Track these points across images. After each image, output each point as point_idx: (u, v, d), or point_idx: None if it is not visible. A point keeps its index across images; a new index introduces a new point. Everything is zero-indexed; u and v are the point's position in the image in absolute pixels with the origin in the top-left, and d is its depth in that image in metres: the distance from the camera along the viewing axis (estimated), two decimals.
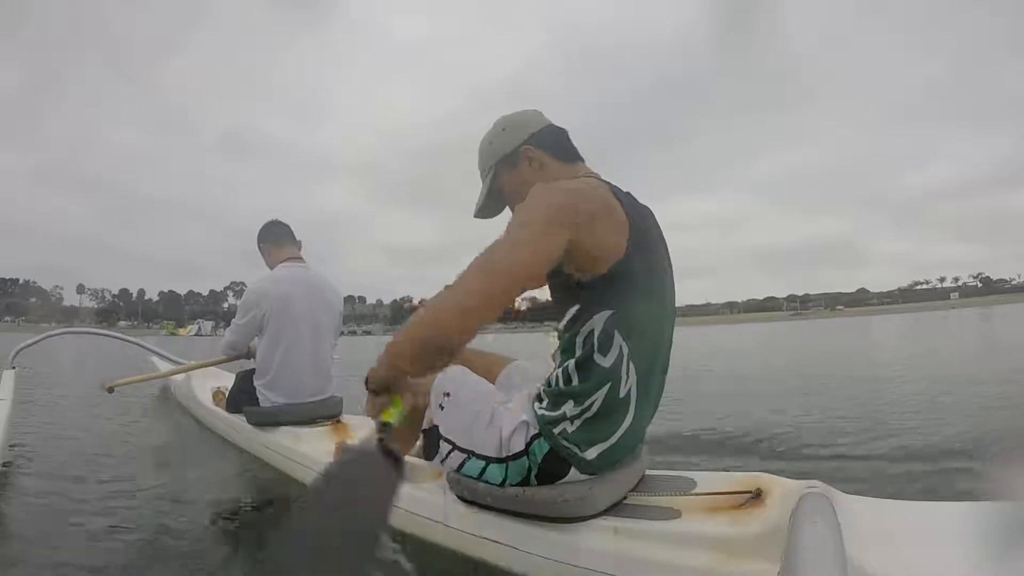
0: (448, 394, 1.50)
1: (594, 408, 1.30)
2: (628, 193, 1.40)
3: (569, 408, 1.31)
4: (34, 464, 2.45)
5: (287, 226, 2.89)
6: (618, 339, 1.27)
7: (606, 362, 1.27)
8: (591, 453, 1.31)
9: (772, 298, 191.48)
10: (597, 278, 1.25)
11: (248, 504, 2.05)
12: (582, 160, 1.49)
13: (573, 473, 1.32)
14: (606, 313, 1.26)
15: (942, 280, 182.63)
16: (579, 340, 1.30)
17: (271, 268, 2.80)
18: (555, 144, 1.46)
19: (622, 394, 1.30)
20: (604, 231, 1.22)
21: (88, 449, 2.78)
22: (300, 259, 2.83)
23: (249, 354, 2.86)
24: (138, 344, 4.87)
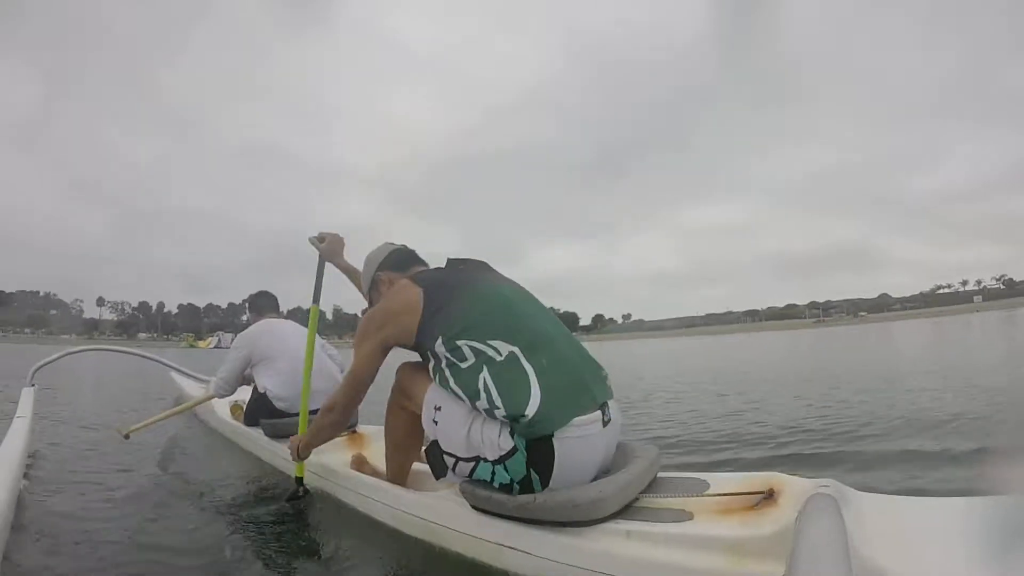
0: (439, 407, 1.60)
1: (491, 383, 1.46)
2: (440, 268, 1.86)
3: (484, 403, 1.46)
4: (54, 478, 2.48)
5: (273, 298, 3.37)
6: (462, 343, 1.54)
7: (468, 361, 1.52)
8: (530, 409, 1.40)
9: (793, 305, 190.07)
10: (418, 335, 1.65)
11: (265, 512, 2.08)
12: (419, 263, 2.00)
13: (557, 446, 1.39)
14: (439, 340, 1.58)
15: (964, 283, 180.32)
16: (445, 373, 1.56)
17: None
18: (396, 264, 1.97)
19: (502, 359, 1.49)
20: (402, 318, 1.67)
21: (107, 462, 2.81)
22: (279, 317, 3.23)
23: (247, 381, 3.07)
24: (156, 360, 4.91)
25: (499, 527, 1.45)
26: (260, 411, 2.83)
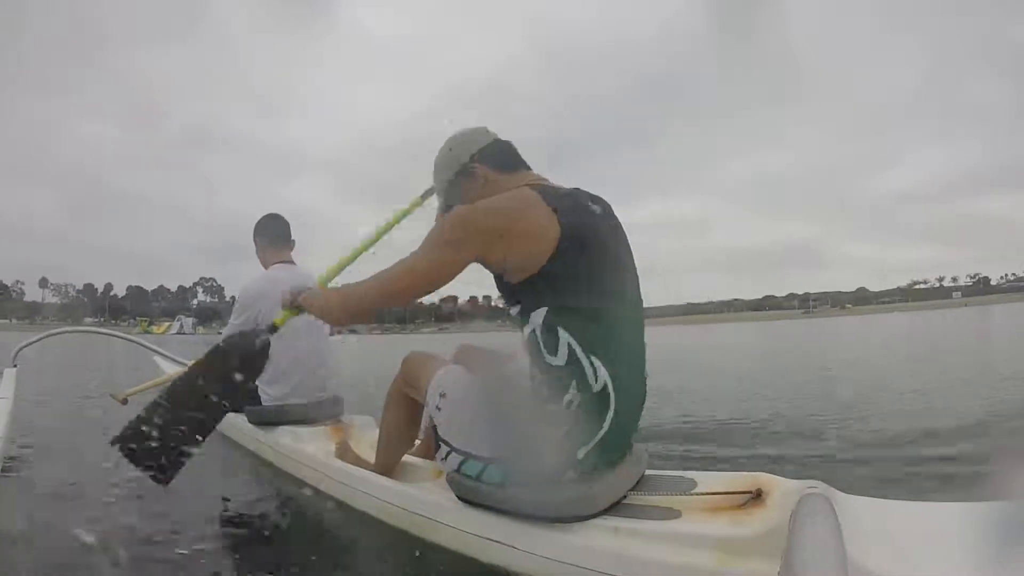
0: (444, 395, 1.58)
1: (572, 408, 1.35)
2: (572, 192, 1.53)
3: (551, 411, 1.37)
4: (36, 461, 2.51)
5: (286, 224, 2.95)
6: (563, 336, 1.35)
7: (558, 360, 1.36)
8: (580, 453, 1.36)
9: (771, 296, 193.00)
10: (529, 279, 1.38)
11: (248, 501, 2.10)
12: (527, 168, 1.64)
13: (568, 474, 1.37)
14: (543, 311, 1.37)
15: (941, 280, 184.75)
16: (526, 340, 1.42)
17: (264, 266, 2.86)
18: (499, 158, 1.61)
19: (596, 389, 1.35)
20: (520, 240, 1.36)
21: (88, 446, 2.81)
22: (291, 262, 2.90)
23: None
24: (140, 343, 4.87)
25: (486, 521, 1.48)
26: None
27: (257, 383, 2.67)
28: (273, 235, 2.91)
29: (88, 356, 9.95)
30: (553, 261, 1.35)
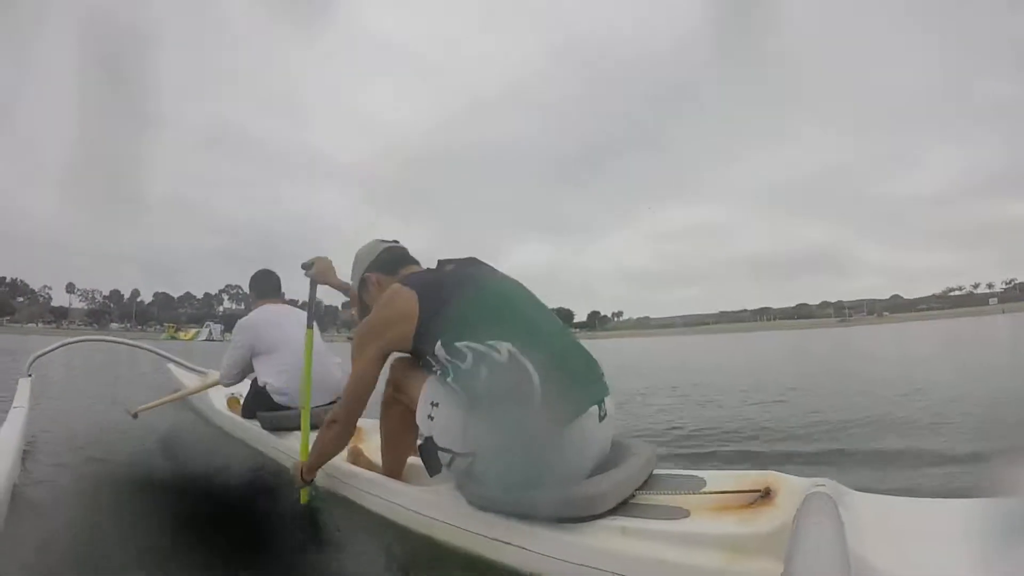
0: (436, 403, 1.64)
1: (493, 383, 1.51)
2: (438, 268, 1.87)
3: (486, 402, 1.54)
4: (51, 469, 2.51)
5: (277, 279, 3.33)
6: (460, 345, 1.57)
7: (467, 363, 1.56)
8: (536, 399, 1.47)
9: (804, 304, 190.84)
10: (416, 341, 1.70)
11: (264, 504, 2.14)
12: (406, 263, 2.03)
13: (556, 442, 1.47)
14: (438, 344, 1.62)
15: (975, 286, 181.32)
16: (447, 374, 1.61)
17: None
18: (384, 265, 2.01)
19: (502, 357, 1.51)
20: (399, 326, 1.71)
21: (104, 454, 2.86)
22: (277, 301, 3.24)
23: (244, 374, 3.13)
24: (156, 352, 4.97)
25: (495, 522, 1.51)
26: (259, 405, 2.89)
27: (269, 389, 2.84)
28: (264, 289, 3.27)
29: (107, 364, 10.10)
30: (422, 319, 1.67)
